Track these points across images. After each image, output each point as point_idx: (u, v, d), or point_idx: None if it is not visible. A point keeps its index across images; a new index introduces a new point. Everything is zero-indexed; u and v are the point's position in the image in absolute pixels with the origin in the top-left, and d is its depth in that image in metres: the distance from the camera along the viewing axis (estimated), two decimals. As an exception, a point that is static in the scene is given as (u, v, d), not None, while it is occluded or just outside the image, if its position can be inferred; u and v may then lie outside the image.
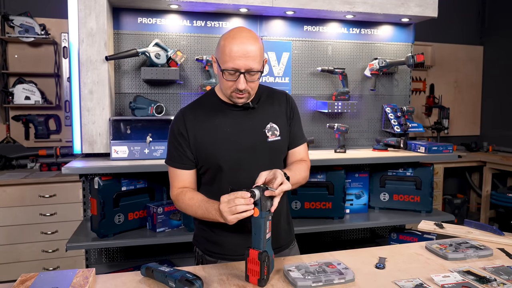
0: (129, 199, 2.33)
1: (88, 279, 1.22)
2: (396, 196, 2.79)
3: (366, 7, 2.63)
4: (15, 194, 3.24)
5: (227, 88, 1.40)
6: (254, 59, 1.34)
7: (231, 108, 1.48)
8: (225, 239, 1.49)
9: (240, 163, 1.45)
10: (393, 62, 2.86)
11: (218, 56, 1.39)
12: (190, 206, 1.42)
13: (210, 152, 1.45)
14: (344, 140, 2.74)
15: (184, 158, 1.47)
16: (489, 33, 5.29)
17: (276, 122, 1.51)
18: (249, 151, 1.46)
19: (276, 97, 1.56)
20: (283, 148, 1.55)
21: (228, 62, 1.34)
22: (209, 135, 1.46)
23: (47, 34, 3.58)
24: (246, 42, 1.34)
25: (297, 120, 1.59)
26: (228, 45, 1.34)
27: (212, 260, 1.52)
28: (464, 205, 4.90)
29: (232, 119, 1.47)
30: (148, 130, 2.40)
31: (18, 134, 3.76)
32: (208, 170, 1.49)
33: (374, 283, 1.28)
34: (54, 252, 3.32)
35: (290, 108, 1.57)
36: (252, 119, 1.49)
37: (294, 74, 2.84)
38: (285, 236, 1.60)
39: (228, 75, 1.36)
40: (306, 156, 1.62)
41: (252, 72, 1.36)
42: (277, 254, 1.53)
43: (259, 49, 1.37)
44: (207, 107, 1.50)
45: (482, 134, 5.43)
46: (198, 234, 1.60)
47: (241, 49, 1.32)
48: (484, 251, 1.51)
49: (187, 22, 2.64)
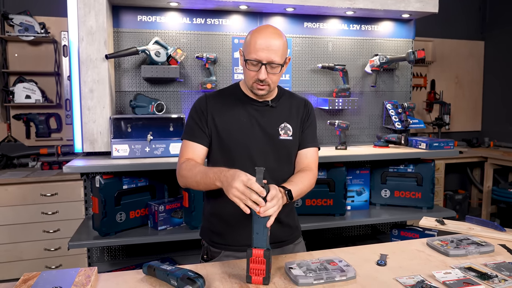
0: (131, 198, 2.33)
1: (90, 278, 1.23)
2: (397, 193, 2.79)
3: (366, 3, 2.62)
4: (16, 193, 3.25)
5: (249, 79, 1.48)
6: (276, 53, 1.42)
7: (251, 102, 1.56)
8: (229, 230, 1.54)
9: (248, 153, 1.51)
10: (393, 58, 2.85)
11: (244, 49, 1.48)
12: (191, 171, 1.44)
13: (223, 133, 1.52)
14: (345, 137, 2.74)
15: (199, 132, 1.53)
16: (490, 29, 5.27)
17: (290, 123, 1.57)
18: (259, 144, 1.52)
19: (296, 101, 1.64)
20: (293, 148, 1.58)
21: (252, 53, 1.42)
22: (226, 119, 1.53)
23: (47, 33, 3.58)
24: (270, 36, 1.43)
25: (312, 126, 1.64)
26: (253, 38, 1.43)
27: (216, 251, 1.56)
28: (465, 201, 4.90)
29: (250, 112, 1.54)
30: (149, 128, 2.40)
31: (19, 133, 3.76)
32: (217, 151, 1.54)
33: (375, 280, 1.28)
34: (56, 251, 3.33)
35: (307, 113, 1.63)
36: (269, 116, 1.55)
37: (295, 71, 2.84)
38: (287, 230, 1.61)
39: (251, 65, 1.44)
40: (314, 162, 1.61)
41: (274, 65, 1.44)
42: (279, 249, 1.55)
43: (283, 44, 1.45)
44: (231, 96, 1.58)
45: (483, 130, 5.42)
46: (204, 226, 1.65)
47: (265, 42, 1.41)
48: (485, 248, 1.51)
49: (187, 19, 2.64)
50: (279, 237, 1.54)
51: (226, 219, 1.53)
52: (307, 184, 1.52)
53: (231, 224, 1.53)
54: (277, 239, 1.53)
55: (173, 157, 2.37)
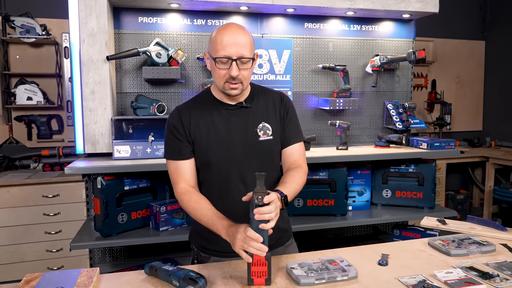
0: (132, 199, 2.33)
1: (92, 279, 1.23)
2: (398, 193, 2.79)
3: (366, 3, 2.63)
4: (18, 194, 3.26)
5: (220, 79, 1.43)
6: (245, 47, 1.40)
7: (225, 107, 1.51)
8: (219, 237, 1.49)
9: (230, 161, 1.47)
10: (394, 59, 2.85)
11: (210, 49, 1.44)
12: (196, 211, 1.42)
13: (202, 148, 1.48)
14: (346, 137, 2.74)
15: (182, 148, 1.49)
16: (490, 28, 5.27)
17: (268, 121, 1.52)
18: (240, 149, 1.48)
19: (271, 97, 1.58)
20: (275, 148, 1.55)
21: (220, 51, 1.39)
22: (202, 132, 1.49)
23: (48, 35, 3.59)
24: (236, 31, 1.41)
25: (293, 120, 1.58)
26: (219, 35, 1.41)
27: (206, 256, 1.54)
28: (467, 201, 4.90)
29: (226, 117, 1.50)
30: (150, 129, 2.40)
31: (20, 134, 3.77)
32: (200, 167, 1.51)
33: (377, 280, 1.29)
34: (58, 252, 3.33)
35: (284, 108, 1.57)
36: (245, 118, 1.51)
37: (295, 72, 2.84)
38: (276, 233, 1.53)
39: (221, 63, 1.40)
40: (301, 157, 1.57)
41: (244, 59, 1.40)
42: (268, 252, 1.52)
43: (249, 39, 1.43)
44: (202, 105, 1.53)
45: (484, 130, 5.41)
46: (193, 231, 1.62)
47: (232, 38, 1.39)
48: (487, 247, 1.51)
49: (188, 20, 2.64)
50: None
51: None
52: (299, 183, 1.48)
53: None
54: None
55: (175, 158, 2.37)
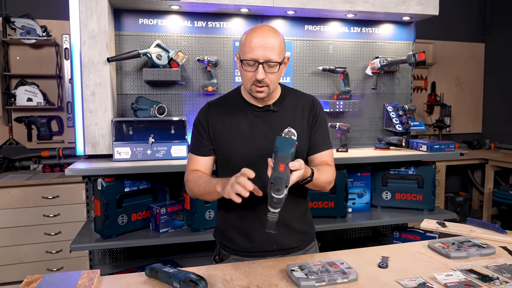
0: (132, 200, 2.34)
1: (93, 280, 1.23)
2: (398, 195, 2.79)
3: (367, 6, 2.63)
4: (18, 195, 3.25)
5: (247, 81, 1.43)
6: (273, 50, 1.38)
7: (253, 109, 1.51)
8: (238, 237, 1.53)
9: (250, 163, 1.43)
10: (394, 61, 2.86)
11: (240, 50, 1.44)
12: (196, 182, 1.47)
13: (225, 146, 1.51)
14: (346, 139, 2.74)
15: (200, 145, 1.53)
16: (490, 30, 5.28)
17: (294, 126, 1.45)
18: (262, 152, 1.45)
19: (301, 101, 1.56)
20: (298, 154, 1.51)
21: (248, 53, 1.38)
22: (227, 130, 1.51)
23: (48, 36, 3.59)
24: (265, 34, 1.39)
25: (321, 127, 1.57)
26: (248, 38, 1.39)
27: (226, 254, 1.58)
28: (466, 203, 4.90)
29: (252, 119, 1.50)
30: (150, 131, 2.41)
31: (20, 135, 3.77)
32: (221, 164, 1.56)
33: (377, 282, 1.29)
34: (58, 253, 3.33)
35: (314, 115, 1.55)
36: (271, 122, 1.50)
37: (296, 74, 2.85)
38: (296, 237, 1.56)
39: (248, 66, 1.40)
40: (330, 161, 1.56)
41: (271, 63, 1.39)
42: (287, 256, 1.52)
43: (279, 42, 1.41)
44: (231, 104, 1.55)
45: (484, 132, 5.42)
46: (216, 228, 1.65)
47: (260, 40, 1.37)
48: (486, 250, 1.52)
49: (188, 22, 2.65)
50: (285, 244, 1.52)
51: (237, 227, 1.53)
52: (327, 176, 1.47)
53: (241, 232, 1.52)
54: (283, 246, 1.51)
55: (175, 159, 2.38)
